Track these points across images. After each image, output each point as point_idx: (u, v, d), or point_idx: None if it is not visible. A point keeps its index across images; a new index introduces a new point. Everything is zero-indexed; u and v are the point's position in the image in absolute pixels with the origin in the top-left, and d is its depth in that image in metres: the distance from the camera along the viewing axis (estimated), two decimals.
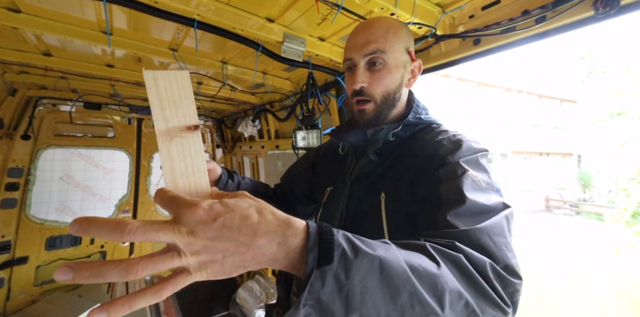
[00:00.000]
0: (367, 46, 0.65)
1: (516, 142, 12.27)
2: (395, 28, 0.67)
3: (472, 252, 0.41)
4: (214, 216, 0.28)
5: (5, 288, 2.12)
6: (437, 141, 0.63)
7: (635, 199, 7.91)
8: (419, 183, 0.60)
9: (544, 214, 10.91)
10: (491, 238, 0.44)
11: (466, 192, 0.50)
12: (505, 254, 0.44)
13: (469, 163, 0.57)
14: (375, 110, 0.69)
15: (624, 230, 7.33)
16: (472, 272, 0.39)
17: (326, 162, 0.90)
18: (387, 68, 0.66)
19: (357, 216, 0.70)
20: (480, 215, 0.48)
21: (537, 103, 13.58)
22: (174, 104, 0.33)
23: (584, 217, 9.96)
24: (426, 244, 0.40)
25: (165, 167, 0.33)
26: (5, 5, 1.00)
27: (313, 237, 0.32)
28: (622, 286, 4.44)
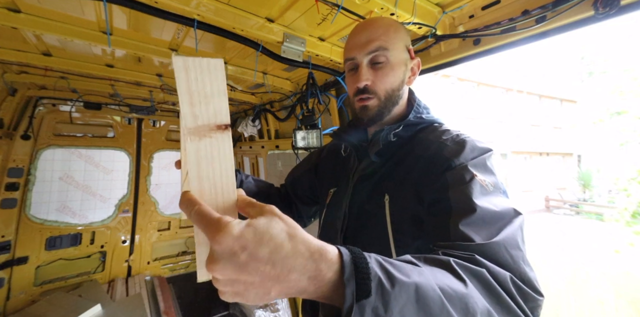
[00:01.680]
0: (369, 44, 0.65)
1: (516, 142, 12.26)
2: (396, 26, 0.68)
3: (493, 267, 0.41)
4: (243, 245, 0.27)
5: (5, 288, 2.12)
6: (441, 142, 0.63)
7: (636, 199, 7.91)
8: (424, 185, 0.59)
9: (544, 214, 10.91)
10: (508, 252, 0.44)
11: (476, 200, 0.50)
12: (523, 269, 0.44)
13: (476, 167, 0.56)
14: (379, 107, 0.68)
15: (624, 230, 7.33)
16: (497, 287, 0.39)
17: (329, 164, 0.91)
18: (390, 65, 0.66)
19: (360, 216, 0.70)
20: (493, 223, 0.48)
21: (537, 103, 13.57)
22: (205, 99, 0.30)
23: (584, 217, 9.96)
24: (450, 260, 0.39)
25: (191, 170, 0.31)
26: (5, 5, 1.00)
27: (349, 269, 0.30)
28: (622, 286, 4.44)
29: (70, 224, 2.44)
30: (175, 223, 3.00)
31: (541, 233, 7.68)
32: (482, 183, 0.53)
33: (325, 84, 1.53)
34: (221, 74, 0.31)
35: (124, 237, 2.69)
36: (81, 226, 2.49)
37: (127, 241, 2.70)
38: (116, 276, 2.61)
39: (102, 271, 2.57)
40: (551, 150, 13.67)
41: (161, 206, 2.91)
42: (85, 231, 2.50)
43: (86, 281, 2.45)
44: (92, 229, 2.54)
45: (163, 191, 2.93)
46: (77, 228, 2.47)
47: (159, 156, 2.92)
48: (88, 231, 2.52)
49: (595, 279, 4.70)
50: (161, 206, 2.91)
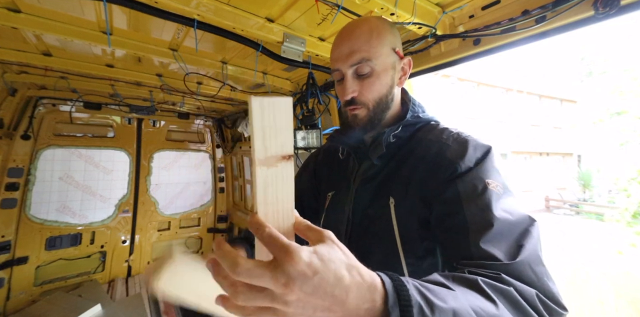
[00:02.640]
0: (351, 56, 0.64)
1: (516, 142, 12.27)
2: (379, 31, 0.65)
3: (519, 285, 0.42)
4: (314, 270, 0.28)
5: (5, 288, 2.12)
6: (442, 142, 0.63)
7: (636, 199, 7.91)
8: (431, 189, 0.59)
9: (544, 214, 10.91)
10: (532, 270, 0.45)
11: (492, 212, 0.50)
12: (547, 285, 0.45)
13: (484, 171, 0.56)
14: (369, 116, 0.68)
15: (625, 230, 7.33)
16: (525, 306, 0.40)
17: (326, 167, 0.89)
18: (376, 74, 0.65)
19: (364, 220, 0.69)
20: (512, 236, 0.49)
21: (537, 103, 13.58)
22: (274, 133, 0.34)
23: (584, 217, 9.96)
24: (478, 280, 0.41)
25: (259, 195, 0.34)
26: (5, 5, 1.00)
27: (392, 297, 0.32)
28: (622, 286, 4.44)
29: (70, 224, 2.44)
30: (175, 223, 3.00)
31: (541, 233, 7.67)
32: (494, 189, 0.53)
33: (325, 84, 1.53)
34: (290, 111, 0.34)
35: (124, 237, 2.69)
36: (81, 226, 2.49)
37: (127, 241, 2.70)
38: (116, 276, 2.61)
39: (102, 271, 2.57)
40: (551, 150, 13.67)
41: (161, 206, 2.91)
42: (85, 231, 2.50)
43: (86, 281, 2.45)
44: (92, 229, 2.53)
45: (163, 191, 2.93)
46: (77, 228, 2.47)
47: (159, 156, 2.92)
48: (88, 231, 2.52)
49: (595, 279, 4.70)
50: (161, 206, 2.91)
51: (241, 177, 3.16)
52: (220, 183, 3.32)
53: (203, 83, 1.92)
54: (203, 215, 3.19)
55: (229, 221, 3.31)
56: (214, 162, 3.30)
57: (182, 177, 3.07)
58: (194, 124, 3.17)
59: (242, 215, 3.01)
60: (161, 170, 2.93)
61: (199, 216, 3.17)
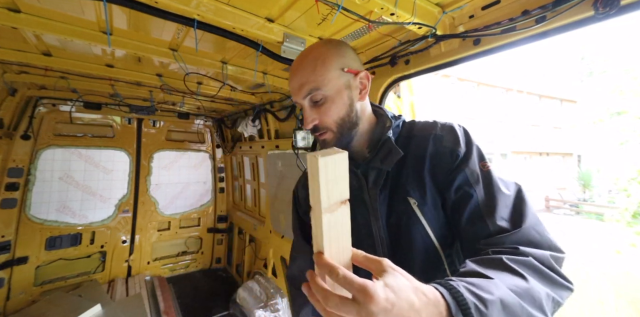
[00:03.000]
0: (302, 89, 0.68)
1: (516, 142, 12.26)
2: (323, 58, 0.67)
3: (534, 252, 0.50)
4: (392, 303, 0.34)
5: (5, 288, 2.13)
6: (434, 134, 0.69)
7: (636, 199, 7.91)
8: (441, 178, 0.65)
9: (544, 214, 10.91)
10: (536, 230, 0.55)
11: (495, 191, 0.60)
12: (548, 239, 0.54)
13: (477, 155, 0.65)
14: (336, 138, 0.71)
15: (625, 230, 7.33)
16: (545, 270, 0.49)
17: None
18: (330, 99, 0.68)
19: (391, 231, 0.68)
20: (513, 207, 0.59)
21: (537, 103, 13.57)
22: (335, 184, 0.39)
23: (584, 217, 9.95)
24: (502, 259, 0.48)
25: (325, 236, 0.39)
26: (5, 5, 1.00)
27: (453, 306, 0.37)
28: (622, 286, 4.44)
29: (70, 224, 2.44)
30: (175, 223, 3.01)
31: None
32: (489, 169, 0.63)
33: None
34: (346, 162, 0.40)
35: (124, 237, 2.69)
36: (81, 226, 2.49)
37: (127, 241, 2.70)
38: (116, 276, 2.61)
39: (102, 271, 2.57)
40: (551, 150, 13.67)
41: (161, 206, 2.91)
42: (85, 231, 2.50)
43: (86, 281, 2.45)
44: (92, 229, 2.54)
45: (163, 191, 2.93)
46: (77, 228, 2.47)
47: (159, 156, 2.92)
48: (88, 231, 2.52)
49: (595, 279, 4.70)
50: (161, 206, 2.91)
51: (241, 177, 3.16)
52: (220, 183, 3.32)
53: (203, 83, 1.92)
54: (203, 215, 3.19)
55: (229, 221, 3.31)
56: (214, 162, 3.30)
57: (182, 177, 3.07)
58: (194, 124, 3.17)
59: (242, 215, 3.01)
60: (161, 170, 2.93)
61: (199, 216, 3.17)
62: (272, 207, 2.41)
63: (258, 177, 2.80)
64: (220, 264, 3.27)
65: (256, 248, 2.78)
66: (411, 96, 1.42)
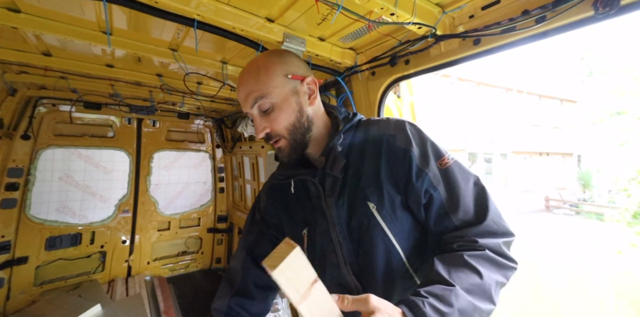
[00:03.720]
0: (248, 99, 0.69)
1: (516, 142, 12.26)
2: (266, 66, 0.69)
3: (489, 243, 0.58)
4: None
5: (5, 288, 2.12)
6: (387, 134, 0.70)
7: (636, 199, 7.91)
8: (399, 178, 0.66)
9: (544, 214, 10.90)
10: (495, 222, 0.61)
11: (457, 186, 0.63)
12: (503, 226, 0.61)
13: (433, 152, 0.66)
14: (290, 144, 0.71)
15: (625, 230, 7.32)
16: (497, 258, 0.57)
17: (281, 210, 0.85)
18: (277, 106, 0.68)
19: (354, 236, 0.68)
20: (475, 201, 0.63)
21: (537, 103, 13.58)
22: (297, 276, 0.41)
23: (584, 217, 9.95)
24: (463, 255, 0.56)
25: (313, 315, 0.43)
26: (5, 5, 1.00)
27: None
28: (622, 286, 4.44)
29: (70, 224, 2.44)
30: (175, 223, 3.00)
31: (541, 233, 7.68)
32: (448, 164, 0.65)
33: (325, 84, 1.53)
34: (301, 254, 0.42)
35: (124, 237, 2.69)
36: (81, 226, 2.49)
37: (127, 241, 2.70)
38: (116, 276, 2.61)
39: (102, 271, 2.57)
40: (551, 150, 13.67)
41: (161, 206, 2.91)
42: (85, 231, 2.50)
43: (86, 281, 2.45)
44: (92, 229, 2.53)
45: (163, 191, 2.93)
46: (77, 228, 2.47)
47: (159, 156, 2.92)
48: (88, 231, 2.52)
49: (595, 279, 4.70)
50: (161, 206, 2.91)
51: (241, 177, 3.16)
52: (220, 183, 3.32)
53: (203, 83, 1.92)
54: (203, 215, 3.19)
55: (229, 221, 3.31)
56: (214, 162, 3.30)
57: (182, 177, 3.07)
58: (194, 124, 3.17)
59: (242, 215, 3.01)
60: (161, 170, 2.93)
61: (199, 216, 3.17)
62: None
63: (258, 177, 2.80)
64: (220, 264, 3.27)
65: None
66: (411, 96, 1.42)
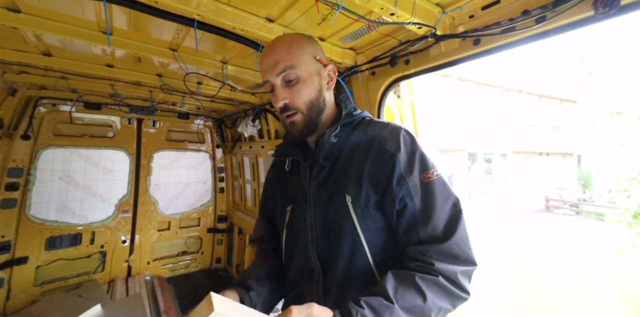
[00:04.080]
0: (276, 66, 0.70)
1: (516, 142, 12.26)
2: (297, 42, 0.72)
3: (446, 268, 0.58)
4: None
5: (5, 288, 2.12)
6: (381, 136, 0.70)
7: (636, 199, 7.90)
8: (380, 180, 0.67)
9: (544, 214, 10.90)
10: (459, 246, 0.60)
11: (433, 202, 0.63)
12: (467, 254, 0.60)
13: (420, 163, 0.67)
14: (304, 120, 0.72)
15: (626, 231, 7.32)
16: (448, 287, 0.57)
17: (277, 184, 0.90)
18: (302, 80, 0.71)
19: (326, 221, 0.71)
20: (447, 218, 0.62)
21: (537, 103, 13.58)
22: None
23: (584, 218, 9.95)
24: (415, 277, 0.57)
25: None
26: (5, 5, 1.00)
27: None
28: (623, 286, 4.44)
29: (70, 224, 2.44)
30: (175, 223, 3.00)
31: (541, 233, 7.68)
32: (431, 179, 0.65)
33: None
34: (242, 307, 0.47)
35: (124, 237, 2.69)
36: (81, 226, 2.48)
37: (127, 241, 2.70)
38: (116, 276, 2.61)
39: (102, 271, 2.57)
40: (551, 151, 13.66)
41: (161, 206, 2.91)
42: (85, 231, 2.50)
43: (86, 281, 2.45)
44: (92, 229, 2.53)
45: (163, 191, 2.93)
46: (77, 228, 2.47)
47: (159, 156, 2.92)
48: (88, 231, 2.52)
49: (595, 279, 4.70)
50: (161, 206, 2.91)
51: (241, 177, 3.16)
52: (220, 183, 3.32)
53: (203, 83, 1.92)
54: (203, 215, 3.19)
55: (229, 221, 3.31)
56: (214, 162, 3.30)
57: (182, 177, 3.07)
58: (194, 124, 3.17)
59: (242, 215, 3.01)
60: (161, 170, 2.93)
61: (199, 216, 3.17)
62: None
63: (258, 177, 2.80)
64: (220, 264, 3.27)
65: None
66: (411, 96, 1.42)
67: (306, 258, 0.73)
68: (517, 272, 4.87)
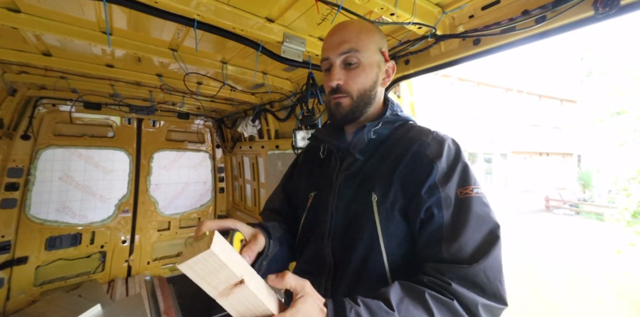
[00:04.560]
0: (341, 46, 0.68)
1: (516, 142, 12.26)
2: (368, 29, 0.70)
3: (465, 295, 0.49)
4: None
5: (5, 288, 2.12)
6: (423, 140, 0.66)
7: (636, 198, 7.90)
8: (411, 185, 0.62)
9: (544, 214, 10.91)
10: (486, 275, 0.51)
11: (467, 220, 0.56)
12: (497, 288, 0.51)
13: (460, 177, 0.61)
14: (352, 105, 0.70)
15: (625, 230, 7.32)
16: (463, 314, 0.48)
17: (306, 168, 0.89)
18: (362, 66, 0.69)
19: (347, 216, 0.69)
20: (479, 242, 0.55)
21: (537, 103, 13.58)
22: (214, 275, 0.41)
23: (584, 217, 9.95)
24: (425, 293, 0.49)
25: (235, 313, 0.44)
26: (5, 5, 1.00)
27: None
28: (622, 285, 4.44)
29: (70, 224, 2.44)
30: (175, 223, 3.00)
31: (541, 233, 7.68)
32: (469, 195, 0.58)
33: None
34: (216, 258, 0.40)
35: (124, 237, 2.69)
36: (81, 226, 2.49)
37: (127, 241, 2.70)
38: (116, 276, 2.61)
39: (102, 271, 2.57)
40: (551, 151, 13.67)
41: (161, 206, 2.91)
42: (85, 231, 2.50)
43: (86, 281, 2.45)
44: (92, 229, 2.53)
45: (163, 191, 2.93)
46: (77, 228, 2.47)
47: (159, 156, 2.92)
48: (88, 231, 2.52)
49: (595, 279, 4.70)
50: (161, 206, 2.91)
51: (241, 177, 3.16)
52: (220, 183, 3.32)
53: (203, 83, 1.92)
54: (203, 215, 3.19)
55: None
56: (214, 162, 3.30)
57: (182, 177, 3.07)
58: (194, 124, 3.17)
59: (242, 215, 3.01)
60: (161, 170, 2.93)
61: (199, 216, 3.17)
62: None
63: (258, 177, 2.80)
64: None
65: None
66: (411, 96, 1.42)
67: (320, 249, 0.71)
68: (517, 272, 4.87)
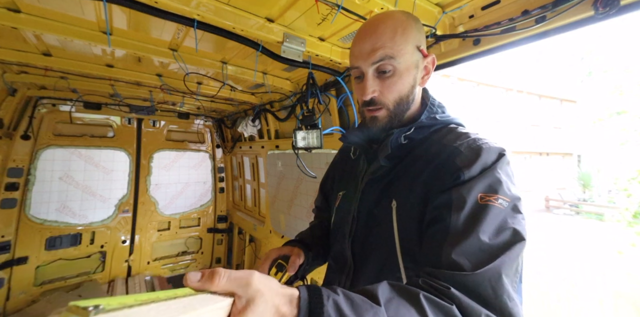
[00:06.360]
0: (374, 54, 0.60)
1: (516, 142, 12.26)
2: (404, 27, 0.62)
3: (467, 303, 0.41)
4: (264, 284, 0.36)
5: (5, 288, 2.13)
6: (455, 147, 0.59)
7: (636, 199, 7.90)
8: (432, 194, 0.57)
9: (544, 214, 10.90)
10: (492, 286, 0.43)
11: (479, 225, 0.48)
12: (504, 304, 0.43)
13: (487, 183, 0.52)
14: (389, 117, 0.65)
15: (625, 230, 7.32)
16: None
17: (339, 167, 0.91)
18: (398, 74, 0.62)
19: (369, 220, 0.68)
20: (489, 251, 0.46)
21: (537, 103, 13.58)
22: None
23: (584, 217, 9.95)
24: (419, 294, 0.41)
25: None
26: (5, 5, 1.00)
27: (303, 313, 0.35)
28: (622, 285, 4.44)
29: (70, 224, 2.44)
30: (175, 223, 3.00)
31: (541, 233, 7.68)
32: (490, 203, 0.50)
33: (325, 84, 1.53)
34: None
35: (124, 237, 2.69)
36: (81, 226, 2.49)
37: (127, 241, 2.70)
38: (116, 276, 2.61)
39: (102, 271, 2.57)
40: (551, 151, 13.67)
41: (161, 206, 2.91)
42: (85, 231, 2.50)
43: (86, 281, 2.45)
44: (92, 229, 2.54)
45: (163, 191, 2.93)
46: (77, 228, 2.47)
47: (159, 156, 2.92)
48: (88, 231, 2.52)
49: (595, 279, 4.70)
50: (161, 206, 2.91)
51: (241, 177, 3.16)
52: (220, 183, 3.32)
53: (203, 83, 1.92)
54: (203, 215, 3.19)
55: (229, 221, 3.31)
56: (214, 162, 3.30)
57: (182, 177, 3.07)
58: (194, 124, 3.17)
59: (242, 215, 3.01)
60: (161, 170, 2.93)
61: (199, 216, 3.17)
62: (272, 207, 2.41)
63: (258, 177, 2.80)
64: (220, 264, 3.27)
65: (256, 248, 2.79)
66: None
67: (342, 249, 0.72)
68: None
